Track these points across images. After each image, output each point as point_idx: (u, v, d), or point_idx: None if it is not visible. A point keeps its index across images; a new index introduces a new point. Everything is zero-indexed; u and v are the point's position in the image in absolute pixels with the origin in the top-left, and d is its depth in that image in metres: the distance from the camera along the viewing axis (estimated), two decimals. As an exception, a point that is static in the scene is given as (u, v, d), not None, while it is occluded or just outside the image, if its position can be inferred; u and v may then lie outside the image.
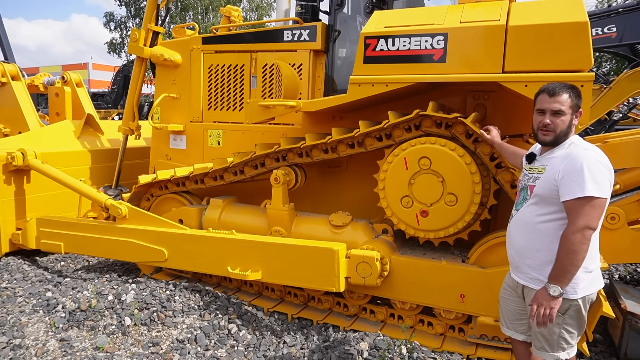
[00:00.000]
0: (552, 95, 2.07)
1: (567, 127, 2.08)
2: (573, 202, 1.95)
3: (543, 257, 2.10)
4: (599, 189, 1.91)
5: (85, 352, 3.12)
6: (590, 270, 2.08)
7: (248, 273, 3.44)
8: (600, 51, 11.95)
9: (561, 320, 2.09)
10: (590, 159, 1.98)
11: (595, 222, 1.94)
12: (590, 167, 1.95)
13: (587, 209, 1.92)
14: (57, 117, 6.14)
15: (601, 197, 1.92)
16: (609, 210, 3.31)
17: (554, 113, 2.07)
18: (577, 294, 2.05)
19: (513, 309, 2.34)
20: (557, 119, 2.07)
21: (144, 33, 4.82)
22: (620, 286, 3.42)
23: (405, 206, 3.20)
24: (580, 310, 2.09)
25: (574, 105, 2.08)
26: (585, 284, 2.06)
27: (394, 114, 3.19)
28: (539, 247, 2.11)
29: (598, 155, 2.03)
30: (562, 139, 2.10)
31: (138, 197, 4.46)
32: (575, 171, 1.96)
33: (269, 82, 4.39)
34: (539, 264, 2.12)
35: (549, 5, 2.87)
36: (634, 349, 2.95)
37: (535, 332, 2.19)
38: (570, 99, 2.06)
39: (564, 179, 1.99)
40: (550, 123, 2.07)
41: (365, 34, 3.19)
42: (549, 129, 2.09)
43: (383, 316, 3.54)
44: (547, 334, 2.13)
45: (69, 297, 3.70)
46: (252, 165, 3.90)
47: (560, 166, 2.04)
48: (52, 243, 4.32)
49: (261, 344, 3.31)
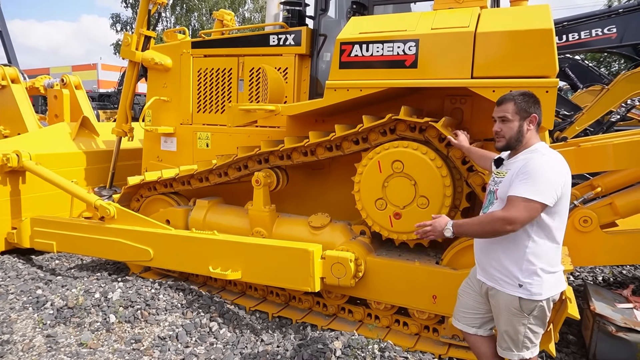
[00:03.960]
0: (499, 105, 2.20)
1: (516, 133, 2.15)
2: (513, 197, 2.05)
3: (507, 259, 2.17)
4: (537, 193, 1.99)
5: (70, 347, 3.24)
6: (554, 272, 2.15)
7: (228, 272, 3.53)
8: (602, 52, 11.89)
9: (526, 321, 2.16)
10: (541, 164, 2.06)
11: (520, 222, 2.01)
12: (538, 171, 2.03)
13: (520, 207, 2.01)
14: (55, 119, 6.30)
15: (537, 200, 1.99)
16: (582, 213, 3.35)
17: (501, 120, 2.17)
18: (542, 295, 2.11)
19: (470, 305, 2.42)
20: (505, 126, 2.16)
21: (136, 37, 4.94)
22: (593, 288, 3.45)
23: (380, 208, 3.27)
24: (545, 311, 2.15)
25: (520, 111, 2.15)
26: (550, 285, 2.13)
27: (369, 118, 3.26)
28: (502, 249, 2.18)
29: (552, 161, 2.10)
30: (515, 144, 2.18)
31: (128, 198, 4.58)
32: (523, 172, 2.06)
33: (256, 86, 4.49)
34: (503, 266, 2.18)
35: (517, 12, 2.93)
36: (602, 351, 2.99)
37: (501, 333, 2.26)
38: (515, 106, 2.14)
39: (514, 179, 2.09)
40: (499, 130, 2.16)
41: (341, 40, 3.26)
42: (500, 136, 2.19)
43: (360, 316, 3.61)
44: (513, 334, 2.20)
45: (58, 294, 3.82)
46: (235, 167, 4.00)
47: (516, 170, 2.12)
48: (45, 242, 4.45)
49: (239, 342, 3.40)
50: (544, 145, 2.19)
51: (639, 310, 3.17)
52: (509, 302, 2.16)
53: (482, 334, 2.40)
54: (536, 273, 2.09)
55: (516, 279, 2.12)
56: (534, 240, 2.09)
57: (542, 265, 2.09)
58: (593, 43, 8.89)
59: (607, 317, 2.99)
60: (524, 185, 2.02)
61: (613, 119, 8.47)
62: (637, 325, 2.93)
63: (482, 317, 2.38)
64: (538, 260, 2.09)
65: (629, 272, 4.77)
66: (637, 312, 3.15)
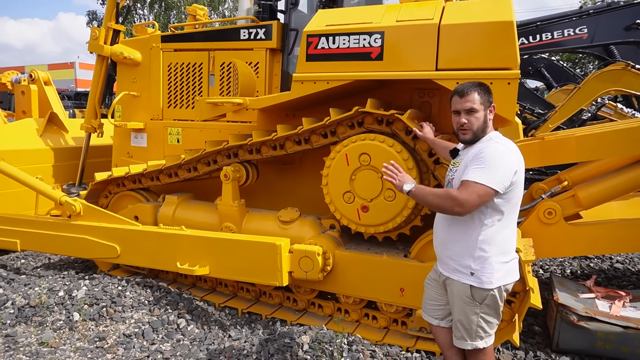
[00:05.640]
0: (462, 96, 2.16)
1: (482, 123, 2.16)
2: (465, 181, 2.07)
3: (460, 248, 2.18)
4: (489, 178, 2.01)
5: (30, 347, 3.14)
6: (505, 261, 2.16)
7: (196, 268, 3.48)
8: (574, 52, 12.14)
9: (479, 310, 2.17)
10: (495, 151, 2.09)
11: (469, 205, 2.02)
12: (492, 158, 2.06)
13: (471, 191, 2.02)
14: (23, 115, 6.13)
15: (489, 186, 2.01)
16: (546, 205, 3.39)
17: (468, 112, 2.15)
18: (492, 284, 2.12)
19: (433, 296, 2.43)
20: (472, 117, 2.15)
21: (104, 31, 4.83)
22: (558, 279, 3.50)
23: (347, 201, 3.26)
24: (497, 300, 2.16)
25: (484, 101, 2.15)
26: (501, 274, 2.14)
27: (336, 111, 3.24)
28: (457, 239, 2.19)
29: (507, 149, 2.12)
30: (481, 135, 2.18)
31: (96, 195, 4.48)
32: (478, 159, 2.08)
33: (227, 81, 4.43)
34: (457, 255, 2.20)
35: (480, 5, 2.95)
36: (564, 340, 3.03)
37: (455, 322, 2.27)
38: (480, 96, 2.14)
39: (468, 165, 2.11)
40: (466, 122, 2.15)
41: (308, 32, 3.25)
42: (466, 128, 2.17)
43: (330, 310, 3.60)
44: (466, 323, 2.20)
45: (19, 293, 3.71)
46: (204, 162, 3.94)
47: (470, 157, 2.14)
48: (9, 240, 4.32)
49: (206, 338, 3.35)
50: (498, 134, 2.21)
51: (600, 300, 3.23)
52: (461, 291, 2.17)
53: (444, 326, 2.41)
54: (488, 261, 2.10)
55: (468, 268, 2.14)
56: (486, 229, 2.11)
57: (494, 253, 2.11)
58: (565, 43, 9.06)
59: (569, 306, 3.04)
60: (477, 170, 2.04)
61: (584, 116, 8.66)
62: (597, 315, 2.98)
63: (443, 308, 2.39)
64: (490, 248, 2.10)
65: (595, 265, 4.86)
66: (598, 301, 3.21)
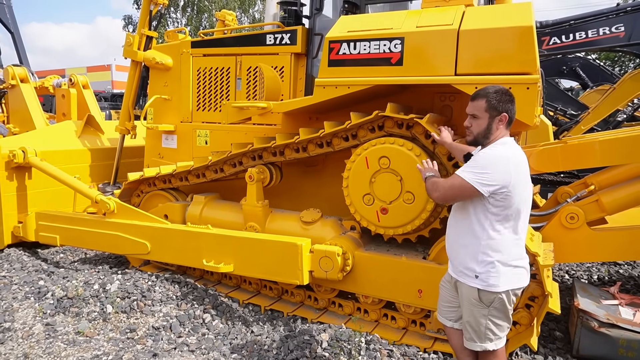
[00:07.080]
0: (472, 100, 2.24)
1: (484, 130, 2.20)
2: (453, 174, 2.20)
3: (466, 251, 2.24)
4: (473, 176, 2.10)
5: (67, 335, 3.36)
6: (513, 265, 2.18)
7: (221, 266, 3.63)
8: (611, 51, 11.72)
9: (487, 312, 2.21)
10: (491, 154, 2.15)
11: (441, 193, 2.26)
12: (484, 159, 2.14)
13: (450, 181, 2.20)
14: (63, 117, 6.49)
15: (469, 182, 2.10)
16: (569, 210, 3.35)
17: (471, 117, 2.22)
18: (499, 287, 2.15)
19: (447, 298, 2.48)
20: (474, 122, 2.21)
21: (138, 37, 5.07)
22: (580, 285, 3.46)
23: (367, 204, 3.33)
24: (505, 303, 2.19)
25: (490, 109, 2.18)
26: (508, 278, 2.16)
27: (356, 114, 3.32)
28: (464, 242, 2.24)
29: (505, 153, 2.15)
30: (482, 140, 2.23)
31: (129, 194, 4.71)
32: (474, 159, 2.19)
33: (253, 84, 4.57)
34: (465, 258, 2.24)
35: (500, 10, 2.97)
36: (585, 346, 3.00)
37: (464, 324, 2.32)
38: (487, 104, 2.17)
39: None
40: (470, 125, 2.21)
41: (330, 38, 3.34)
42: (469, 130, 2.23)
43: (350, 310, 3.67)
44: (475, 325, 2.25)
45: (59, 285, 3.96)
46: (230, 163, 4.09)
47: None
48: (49, 236, 4.60)
49: (230, 333, 3.49)
50: (507, 140, 2.22)
51: (624, 307, 3.18)
52: (469, 293, 2.21)
53: (458, 327, 2.44)
54: (492, 265, 2.14)
55: (472, 271, 2.18)
56: (490, 234, 2.14)
57: (499, 258, 2.14)
58: (601, 42, 8.76)
59: (590, 312, 3.01)
60: (464, 167, 2.15)
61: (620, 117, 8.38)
62: (619, 321, 2.94)
63: (456, 310, 2.42)
64: (494, 253, 2.14)
65: (625, 272, 4.74)
66: (622, 308, 3.16)
